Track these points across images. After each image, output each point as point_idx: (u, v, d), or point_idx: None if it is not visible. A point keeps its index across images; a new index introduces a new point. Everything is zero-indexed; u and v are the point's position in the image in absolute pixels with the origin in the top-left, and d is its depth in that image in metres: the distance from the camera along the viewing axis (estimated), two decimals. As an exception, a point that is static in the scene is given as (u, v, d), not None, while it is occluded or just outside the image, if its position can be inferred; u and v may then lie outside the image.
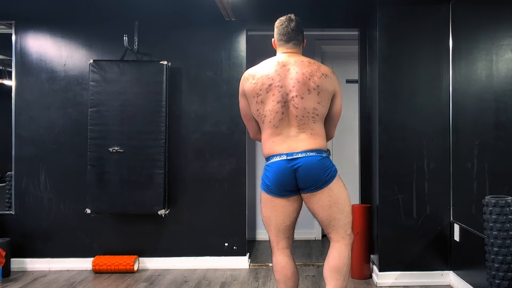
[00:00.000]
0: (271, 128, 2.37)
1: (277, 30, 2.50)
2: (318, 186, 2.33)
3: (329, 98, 2.39)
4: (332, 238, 2.45)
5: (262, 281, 3.71)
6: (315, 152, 2.33)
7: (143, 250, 4.06)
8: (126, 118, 3.87)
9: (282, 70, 2.36)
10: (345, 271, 2.40)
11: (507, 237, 2.47)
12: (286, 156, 2.32)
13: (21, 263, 4.02)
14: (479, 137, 3.14)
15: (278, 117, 2.34)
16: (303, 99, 2.32)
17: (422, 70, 3.58)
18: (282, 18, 2.50)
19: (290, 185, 2.35)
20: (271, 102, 2.34)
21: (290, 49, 2.47)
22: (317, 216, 2.43)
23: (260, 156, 5.13)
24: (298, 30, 2.47)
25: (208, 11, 3.98)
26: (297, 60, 2.40)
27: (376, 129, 3.64)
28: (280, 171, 2.33)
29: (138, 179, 3.86)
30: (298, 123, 2.34)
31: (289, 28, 2.45)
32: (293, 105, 2.33)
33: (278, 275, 2.46)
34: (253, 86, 2.38)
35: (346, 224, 2.42)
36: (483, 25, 3.10)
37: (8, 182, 4.14)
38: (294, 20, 2.47)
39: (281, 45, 2.49)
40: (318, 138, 2.37)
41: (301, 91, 2.32)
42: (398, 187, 3.56)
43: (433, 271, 3.54)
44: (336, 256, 2.40)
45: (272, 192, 2.39)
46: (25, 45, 4.09)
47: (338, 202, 2.38)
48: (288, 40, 2.46)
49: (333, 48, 5.04)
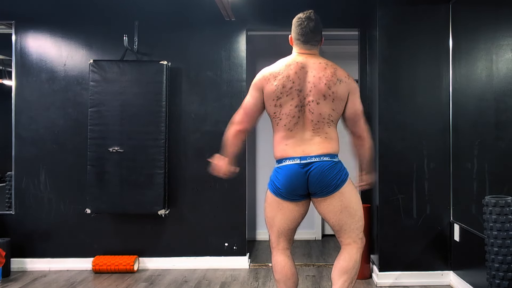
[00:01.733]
0: (285, 131, 2.35)
1: (295, 29, 2.41)
2: (329, 191, 2.32)
3: (343, 103, 2.37)
4: (343, 241, 2.43)
5: (262, 281, 3.71)
6: (328, 157, 2.32)
7: (143, 250, 4.06)
8: (126, 118, 3.87)
9: (301, 72, 2.32)
10: (354, 273, 2.39)
11: (507, 237, 2.47)
12: (300, 160, 2.31)
13: (21, 263, 4.02)
14: (479, 137, 3.14)
15: (294, 121, 2.33)
16: (318, 105, 2.31)
17: (422, 70, 3.58)
18: (301, 16, 2.39)
19: (301, 189, 2.33)
20: (289, 106, 2.32)
21: (308, 50, 2.40)
22: (329, 221, 2.41)
23: (260, 156, 5.13)
24: (316, 31, 2.39)
25: (208, 11, 3.98)
26: (315, 62, 2.35)
27: (376, 129, 3.64)
28: (293, 175, 2.31)
29: (138, 179, 3.86)
30: (313, 127, 2.33)
31: (308, 29, 2.36)
32: (309, 110, 2.31)
33: (278, 275, 2.45)
34: (274, 88, 2.32)
35: (358, 228, 2.41)
36: (483, 25, 3.10)
37: (8, 182, 4.14)
38: (314, 19, 2.38)
39: (298, 44, 2.41)
40: (332, 142, 2.36)
41: (317, 96, 2.30)
42: (398, 187, 3.56)
43: (433, 271, 3.55)
44: (347, 258, 2.39)
45: (282, 196, 2.37)
46: (25, 45, 4.09)
47: (350, 207, 2.36)
48: (306, 41, 2.38)
49: (333, 48, 5.04)
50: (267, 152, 4.99)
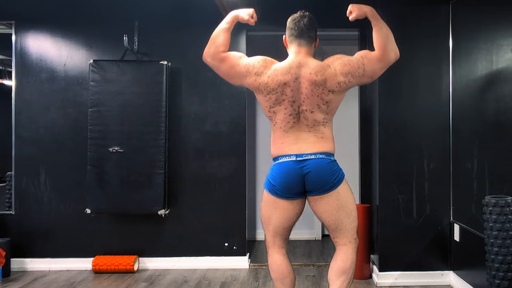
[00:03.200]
0: (281, 132, 2.36)
1: (288, 25, 2.41)
2: (326, 189, 2.32)
3: (340, 100, 2.37)
4: (339, 242, 2.43)
5: (262, 281, 3.71)
6: (324, 155, 2.32)
7: (143, 250, 4.06)
8: (126, 118, 3.87)
9: (295, 84, 2.29)
10: (351, 274, 2.39)
11: (507, 237, 2.47)
12: (296, 157, 2.31)
13: (21, 263, 4.02)
14: (479, 137, 3.14)
15: (289, 125, 2.34)
16: (313, 113, 2.32)
17: (422, 70, 3.58)
18: (295, 14, 2.41)
19: (297, 187, 2.33)
20: (282, 115, 2.33)
21: (302, 47, 2.37)
22: (324, 220, 2.41)
23: (260, 156, 5.13)
24: (310, 27, 2.38)
25: (208, 11, 3.98)
26: (306, 72, 2.30)
27: (376, 129, 3.64)
28: (288, 171, 2.32)
29: (138, 179, 3.86)
30: (309, 129, 2.34)
31: (301, 23, 2.36)
32: (304, 117, 2.32)
33: (275, 274, 2.46)
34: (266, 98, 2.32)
35: (353, 228, 2.41)
36: (483, 26, 3.10)
37: (8, 182, 4.14)
38: (307, 16, 2.39)
39: (291, 41, 2.40)
40: (328, 141, 2.36)
41: (311, 106, 2.31)
42: (398, 187, 3.56)
43: (433, 271, 3.55)
44: (344, 258, 2.39)
45: (277, 193, 2.37)
46: (25, 45, 4.09)
47: (346, 206, 2.36)
48: (299, 35, 2.36)
49: (333, 48, 5.03)
50: (267, 153, 4.95)
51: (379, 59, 2.32)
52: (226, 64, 2.38)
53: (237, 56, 2.41)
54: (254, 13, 2.49)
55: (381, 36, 2.32)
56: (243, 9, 2.47)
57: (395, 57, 2.34)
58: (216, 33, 2.42)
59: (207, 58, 2.42)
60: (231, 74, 2.41)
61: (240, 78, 2.40)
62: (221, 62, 2.39)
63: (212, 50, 2.39)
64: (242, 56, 2.42)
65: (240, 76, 2.38)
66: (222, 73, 2.43)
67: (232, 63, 2.38)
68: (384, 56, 2.32)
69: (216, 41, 2.40)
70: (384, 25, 2.33)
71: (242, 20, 2.47)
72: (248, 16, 2.47)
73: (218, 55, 2.38)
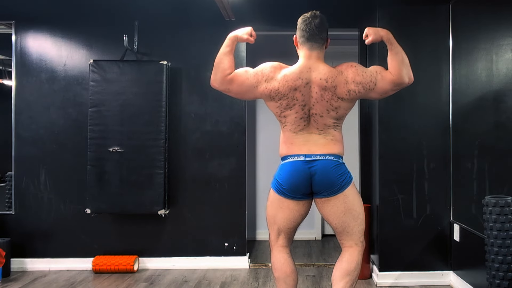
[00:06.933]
0: (291, 133, 2.37)
1: (299, 26, 2.39)
2: (333, 191, 2.32)
3: (350, 108, 2.38)
4: (345, 244, 2.43)
5: (262, 281, 3.71)
6: (333, 157, 2.33)
7: (143, 250, 4.06)
8: (126, 118, 3.87)
9: (305, 89, 2.30)
10: (355, 276, 2.39)
11: (507, 237, 2.47)
12: (305, 157, 2.32)
13: (21, 263, 4.02)
14: (479, 137, 3.14)
15: (300, 128, 2.35)
16: (322, 117, 2.33)
17: (422, 70, 3.57)
18: (306, 14, 2.38)
19: (304, 187, 2.33)
20: (293, 118, 2.34)
21: (313, 51, 2.36)
22: (331, 223, 2.41)
23: (260, 156, 5.13)
24: (322, 28, 2.36)
25: (208, 11, 3.98)
26: (316, 77, 2.30)
27: (376, 129, 3.64)
28: (296, 171, 2.32)
29: (138, 179, 3.86)
30: (319, 132, 2.36)
31: (312, 25, 2.34)
32: (314, 120, 2.34)
33: (278, 272, 2.46)
34: (277, 104, 2.33)
35: (360, 231, 2.41)
36: (483, 25, 3.10)
37: (8, 182, 4.14)
38: (319, 16, 2.37)
39: (302, 42, 2.38)
40: (337, 144, 2.38)
41: (321, 111, 2.32)
42: (398, 187, 3.56)
43: (433, 271, 3.55)
44: (349, 259, 2.39)
45: (283, 193, 2.37)
46: (25, 45, 4.09)
47: (353, 209, 2.36)
48: (311, 37, 2.35)
49: (333, 48, 5.02)
50: (267, 153, 5.00)
51: (392, 81, 2.33)
52: (235, 84, 2.38)
53: (243, 71, 2.40)
54: (252, 31, 2.48)
55: (396, 60, 2.34)
56: (240, 29, 2.46)
57: (409, 81, 2.36)
58: (218, 58, 2.40)
59: (215, 84, 2.41)
60: (243, 90, 2.39)
61: (252, 92, 2.39)
62: (230, 84, 2.38)
63: (218, 76, 2.38)
64: (248, 70, 2.41)
65: (252, 88, 2.36)
66: (235, 93, 2.43)
67: (241, 80, 2.37)
68: (399, 80, 2.33)
69: (220, 67, 2.38)
70: (400, 49, 2.36)
71: (241, 41, 2.48)
72: (247, 36, 2.46)
73: (225, 79, 2.37)
